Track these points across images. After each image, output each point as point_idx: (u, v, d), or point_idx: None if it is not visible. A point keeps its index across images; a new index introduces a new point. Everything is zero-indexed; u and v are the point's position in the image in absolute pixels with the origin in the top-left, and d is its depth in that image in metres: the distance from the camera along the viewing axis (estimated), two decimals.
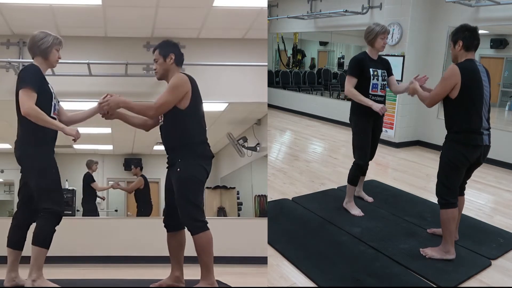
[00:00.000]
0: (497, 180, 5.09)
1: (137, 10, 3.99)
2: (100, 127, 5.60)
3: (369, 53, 3.62)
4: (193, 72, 4.60)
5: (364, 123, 3.64)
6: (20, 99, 2.44)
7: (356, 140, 3.72)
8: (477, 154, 2.86)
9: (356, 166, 3.76)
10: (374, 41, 3.55)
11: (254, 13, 4.13)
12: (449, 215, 2.87)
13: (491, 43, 8.11)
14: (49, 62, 2.69)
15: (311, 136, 7.64)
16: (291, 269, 2.85)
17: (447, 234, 2.91)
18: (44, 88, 2.57)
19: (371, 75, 3.54)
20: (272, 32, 10.49)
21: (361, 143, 3.69)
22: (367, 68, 3.54)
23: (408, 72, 6.50)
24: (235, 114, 5.25)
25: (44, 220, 2.52)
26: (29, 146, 2.54)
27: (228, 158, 5.86)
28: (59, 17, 4.08)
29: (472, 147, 2.83)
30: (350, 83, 3.53)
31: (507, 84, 8.63)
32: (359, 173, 3.82)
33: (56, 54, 2.70)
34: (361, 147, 3.70)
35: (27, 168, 2.56)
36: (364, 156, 3.70)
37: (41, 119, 2.44)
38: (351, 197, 3.86)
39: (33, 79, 2.50)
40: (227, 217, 5.30)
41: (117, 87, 4.56)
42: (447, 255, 2.92)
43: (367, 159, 3.74)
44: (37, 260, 2.46)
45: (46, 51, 2.64)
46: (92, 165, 5.58)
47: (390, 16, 6.62)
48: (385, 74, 3.65)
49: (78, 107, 4.87)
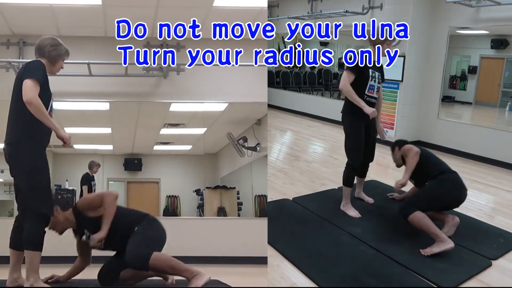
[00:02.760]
0: (497, 180, 5.08)
1: (137, 10, 3.99)
2: (100, 127, 5.60)
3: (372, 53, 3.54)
4: (193, 72, 4.64)
5: (356, 124, 3.61)
6: (24, 86, 2.39)
7: (349, 141, 3.70)
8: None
9: (350, 167, 3.75)
10: (382, 43, 3.49)
11: (254, 13, 4.12)
12: (417, 218, 3.06)
13: (492, 43, 8.11)
14: (53, 69, 2.70)
15: (312, 136, 7.64)
16: (292, 269, 2.85)
17: (429, 229, 3.02)
18: (46, 87, 2.56)
19: (370, 75, 3.49)
20: None
21: (354, 144, 3.66)
22: (368, 68, 3.48)
23: (409, 73, 6.51)
24: (235, 114, 5.25)
25: (31, 222, 2.46)
26: (23, 142, 2.47)
27: (228, 158, 5.86)
28: (59, 17, 4.08)
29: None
30: (348, 79, 3.42)
31: (507, 84, 8.61)
32: (353, 174, 3.79)
33: (61, 64, 2.73)
34: (354, 148, 3.67)
35: (19, 166, 2.49)
36: (357, 157, 3.67)
37: (41, 111, 2.41)
38: (348, 199, 3.83)
39: (40, 73, 2.50)
40: (227, 217, 5.29)
41: (117, 87, 4.57)
42: (445, 244, 2.95)
43: (360, 160, 3.70)
44: (32, 264, 2.43)
45: (55, 58, 2.66)
46: (93, 166, 5.46)
47: (391, 16, 6.60)
48: (380, 77, 3.62)
49: (78, 107, 4.92)
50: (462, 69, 9.17)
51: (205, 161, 5.97)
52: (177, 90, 4.64)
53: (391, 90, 6.71)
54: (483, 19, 5.80)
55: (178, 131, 5.80)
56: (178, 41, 4.62)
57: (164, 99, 4.69)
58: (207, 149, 5.92)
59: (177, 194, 5.88)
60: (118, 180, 5.90)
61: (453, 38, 6.47)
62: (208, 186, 5.58)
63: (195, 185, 5.74)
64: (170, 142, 6.16)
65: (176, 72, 4.61)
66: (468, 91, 9.10)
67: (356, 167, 3.74)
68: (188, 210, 5.78)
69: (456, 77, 9.17)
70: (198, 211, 5.67)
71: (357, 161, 3.69)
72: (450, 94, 8.87)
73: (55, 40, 2.68)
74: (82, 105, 4.80)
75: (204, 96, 4.72)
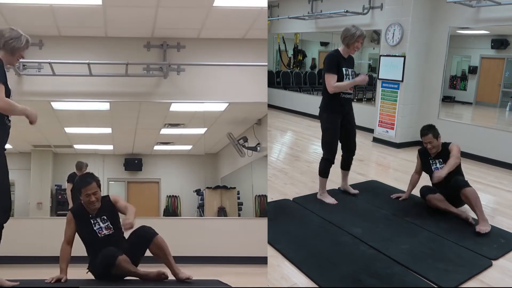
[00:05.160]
0: (498, 180, 5.08)
1: (137, 10, 3.98)
2: (101, 127, 5.60)
3: (342, 52, 3.79)
4: (193, 72, 4.65)
5: (333, 120, 3.85)
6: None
7: (325, 136, 3.94)
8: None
9: (326, 161, 4.00)
10: (352, 43, 3.72)
11: (254, 13, 4.12)
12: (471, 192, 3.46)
13: (492, 43, 8.11)
14: (13, 59, 2.61)
15: (312, 136, 7.63)
16: (292, 269, 2.85)
17: (479, 207, 3.44)
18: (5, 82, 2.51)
19: (344, 74, 3.72)
20: (273, 33, 10.49)
21: (329, 139, 3.92)
22: (341, 67, 3.72)
23: (409, 73, 6.50)
24: (235, 114, 5.25)
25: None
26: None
27: (228, 158, 5.86)
28: (59, 17, 4.08)
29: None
30: (333, 80, 3.70)
31: (507, 84, 8.61)
32: (328, 167, 4.03)
33: (21, 54, 2.63)
34: (330, 142, 3.92)
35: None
36: (333, 151, 3.93)
37: (13, 109, 2.42)
38: (324, 188, 4.12)
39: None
40: (228, 217, 5.29)
41: (117, 87, 4.57)
42: (487, 224, 3.40)
43: (335, 153, 3.96)
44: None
45: (14, 49, 2.57)
46: (82, 167, 5.21)
47: (391, 16, 6.61)
48: (354, 72, 3.84)
49: (78, 107, 4.92)
50: (463, 69, 9.18)
51: (205, 161, 5.96)
52: (177, 90, 4.64)
53: (392, 90, 6.71)
54: (483, 19, 5.79)
55: (178, 131, 5.80)
56: (178, 41, 4.62)
57: (164, 99, 4.69)
58: (208, 149, 5.92)
59: (177, 194, 5.88)
60: (118, 180, 5.90)
61: (454, 38, 6.46)
62: (209, 186, 5.58)
63: (196, 185, 5.74)
64: (170, 142, 6.16)
65: (176, 72, 4.61)
66: (469, 91, 9.10)
67: (332, 161, 3.99)
68: (188, 210, 5.77)
69: (456, 77, 9.17)
70: (198, 211, 5.67)
71: (332, 155, 3.95)
72: (450, 94, 8.87)
73: (14, 32, 2.57)
74: (82, 105, 4.80)
75: (204, 96, 4.71)
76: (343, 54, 3.78)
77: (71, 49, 4.49)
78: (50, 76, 4.40)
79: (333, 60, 3.72)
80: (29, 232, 4.34)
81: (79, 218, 2.85)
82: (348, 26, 3.76)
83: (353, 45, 3.72)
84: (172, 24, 4.30)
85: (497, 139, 5.79)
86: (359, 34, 3.69)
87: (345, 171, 4.28)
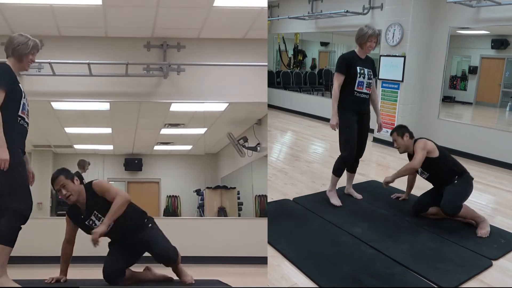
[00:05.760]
0: (498, 180, 5.08)
1: (137, 10, 3.99)
2: (101, 127, 5.60)
3: (358, 52, 3.81)
4: (193, 72, 4.65)
5: (349, 118, 3.82)
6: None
7: (343, 134, 3.90)
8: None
9: (342, 159, 3.95)
10: (364, 43, 3.72)
11: (254, 13, 4.13)
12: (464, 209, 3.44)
13: (492, 43, 8.09)
14: (22, 65, 2.64)
15: (312, 136, 7.63)
16: (292, 269, 2.85)
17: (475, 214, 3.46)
18: (14, 87, 2.53)
19: (357, 72, 3.73)
20: (273, 33, 10.49)
21: (348, 137, 3.87)
22: (355, 66, 3.73)
23: (409, 73, 6.50)
24: (235, 114, 5.24)
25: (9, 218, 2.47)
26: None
27: (228, 158, 5.85)
28: (59, 17, 4.08)
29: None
30: (338, 81, 3.75)
31: (508, 84, 8.60)
32: (343, 166, 4.00)
33: (30, 59, 2.65)
34: (347, 140, 3.87)
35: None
36: (351, 149, 3.86)
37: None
38: (334, 186, 4.07)
39: (2, 79, 2.46)
40: (228, 217, 5.29)
41: (117, 87, 4.57)
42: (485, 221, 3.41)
43: (354, 152, 3.89)
44: (0, 259, 2.42)
45: (22, 55, 2.60)
46: (85, 165, 5.33)
47: (391, 16, 6.61)
48: (371, 73, 3.84)
49: (78, 107, 4.92)
50: (463, 69, 9.16)
51: (205, 161, 5.96)
52: (177, 90, 4.65)
53: (392, 90, 6.71)
54: (483, 19, 5.79)
55: (179, 131, 5.80)
56: (178, 41, 4.63)
57: (164, 99, 4.69)
58: (208, 149, 5.92)
59: (177, 194, 5.88)
60: (118, 180, 5.90)
61: (454, 38, 6.46)
62: (209, 186, 5.58)
63: (196, 185, 5.74)
64: (170, 142, 6.16)
65: (176, 72, 4.61)
66: (469, 91, 9.09)
67: (349, 161, 3.93)
68: (188, 210, 5.77)
69: (456, 77, 9.16)
70: (198, 211, 5.67)
71: (351, 153, 3.88)
72: (450, 94, 8.86)
73: (21, 38, 2.60)
74: (82, 105, 4.80)
75: (204, 96, 4.72)
76: (360, 55, 3.79)
77: (71, 49, 4.50)
78: (50, 76, 4.40)
79: (343, 61, 3.78)
80: (29, 232, 4.32)
81: (74, 219, 2.82)
82: (362, 26, 3.77)
83: (366, 45, 3.71)
84: (172, 24, 4.30)
85: (497, 139, 5.79)
86: (371, 34, 3.68)
87: (350, 173, 4.23)
